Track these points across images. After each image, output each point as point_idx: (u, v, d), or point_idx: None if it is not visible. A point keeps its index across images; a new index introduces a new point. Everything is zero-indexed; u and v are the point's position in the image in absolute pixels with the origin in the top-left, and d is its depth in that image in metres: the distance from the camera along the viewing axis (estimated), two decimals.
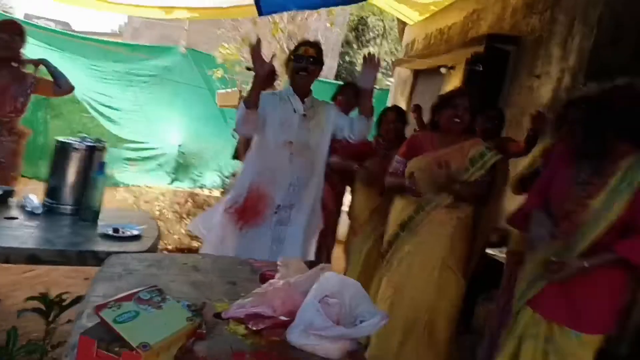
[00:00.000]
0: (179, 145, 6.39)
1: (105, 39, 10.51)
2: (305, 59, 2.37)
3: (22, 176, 4.87)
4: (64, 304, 1.63)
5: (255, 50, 2.20)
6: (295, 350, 1.21)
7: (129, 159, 5.74)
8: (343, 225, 3.55)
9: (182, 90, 6.55)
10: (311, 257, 2.58)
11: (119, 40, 10.44)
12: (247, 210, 2.37)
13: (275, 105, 2.39)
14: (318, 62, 2.42)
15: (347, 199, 3.45)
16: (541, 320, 1.88)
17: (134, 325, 1.04)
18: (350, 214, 3.27)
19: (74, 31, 12.33)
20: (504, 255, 2.84)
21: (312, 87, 2.60)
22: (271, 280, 1.41)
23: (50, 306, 1.60)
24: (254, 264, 1.82)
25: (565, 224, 1.84)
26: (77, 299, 1.60)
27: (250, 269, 1.73)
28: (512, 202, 2.90)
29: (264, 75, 2.24)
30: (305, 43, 2.47)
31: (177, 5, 5.91)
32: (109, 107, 5.86)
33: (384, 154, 3.02)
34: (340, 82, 9.02)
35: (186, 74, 6.83)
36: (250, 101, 2.25)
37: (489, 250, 3.26)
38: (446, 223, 2.42)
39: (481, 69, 3.91)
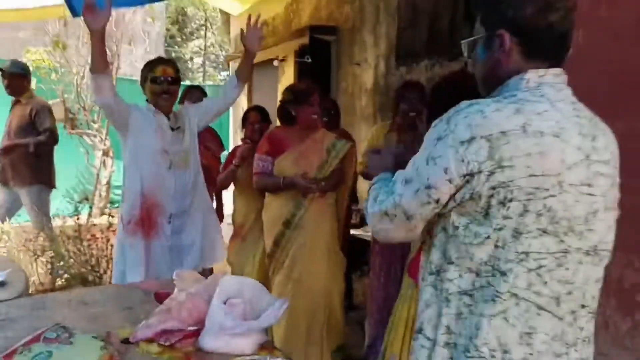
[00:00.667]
0: None
1: None
2: (166, 81, 2.35)
3: None
4: None
5: (86, 2, 1.96)
6: (211, 354, 1.34)
7: None
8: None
9: None
10: (218, 260, 2.62)
11: None
12: (145, 221, 2.31)
13: (145, 117, 2.34)
14: (178, 80, 2.43)
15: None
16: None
17: None
18: (234, 219, 3.21)
19: None
20: (368, 234, 3.16)
21: None
22: (172, 295, 1.50)
23: None
24: (140, 286, 1.86)
25: None
26: None
27: (141, 291, 1.78)
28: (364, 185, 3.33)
29: (101, 30, 2.04)
30: (160, 61, 2.44)
31: None
32: None
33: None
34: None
35: None
36: (95, 65, 2.09)
37: (353, 231, 3.67)
38: (324, 211, 2.70)
39: (309, 60, 4.26)
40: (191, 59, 15.27)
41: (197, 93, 3.28)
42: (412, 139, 2.62)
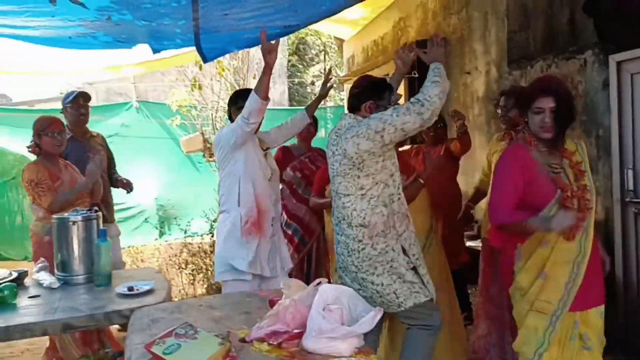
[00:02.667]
0: (155, 199, 6.52)
1: (51, 105, 10.48)
2: None
3: (10, 259, 4.93)
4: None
5: (262, 40, 2.37)
6: (312, 355, 1.49)
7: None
8: None
9: (144, 144, 6.71)
10: (290, 265, 2.87)
11: None
12: (258, 223, 2.62)
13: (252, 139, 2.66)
14: None
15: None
16: (577, 317, 1.93)
17: (180, 354, 1.33)
18: (327, 234, 3.38)
19: (14, 103, 12.19)
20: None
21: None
22: (279, 301, 1.69)
23: None
24: (259, 294, 2.10)
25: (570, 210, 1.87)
26: (117, 354, 1.82)
27: (259, 298, 2.01)
28: None
29: (273, 63, 2.40)
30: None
31: (123, 64, 6.13)
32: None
33: None
34: (295, 108, 9.35)
35: (144, 127, 7.00)
36: (262, 91, 2.40)
37: (470, 243, 3.62)
38: (440, 244, 2.83)
39: (417, 75, 4.31)
40: (312, 83, 16.04)
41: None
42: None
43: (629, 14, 3.20)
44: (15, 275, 2.29)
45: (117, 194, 6.52)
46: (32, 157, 2.95)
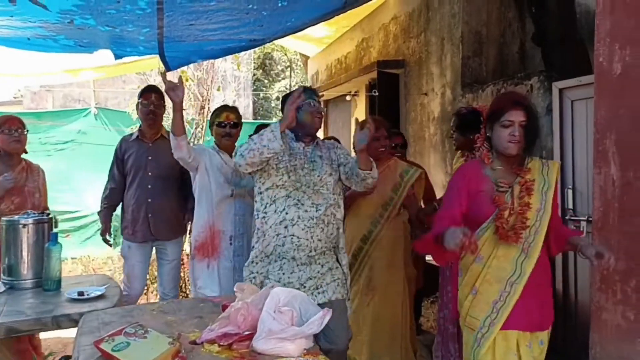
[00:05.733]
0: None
1: (4, 109, 10.09)
2: (228, 125, 2.77)
3: None
4: None
5: (165, 81, 2.49)
6: (261, 355, 1.53)
7: (63, 231, 5.68)
8: None
9: (102, 152, 6.51)
10: None
11: (20, 109, 10.11)
12: (207, 245, 2.66)
13: (211, 156, 2.71)
14: (238, 125, 2.83)
15: None
16: (514, 340, 1.85)
17: (129, 352, 1.35)
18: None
19: None
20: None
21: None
22: (232, 304, 1.72)
23: None
24: (213, 300, 2.12)
25: (504, 230, 1.85)
26: (64, 358, 1.79)
27: (212, 304, 2.03)
28: None
29: (180, 101, 2.49)
30: (224, 109, 2.83)
31: (82, 67, 6.02)
32: None
33: None
34: (258, 121, 9.37)
35: (102, 134, 6.85)
36: (177, 129, 2.49)
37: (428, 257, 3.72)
38: (398, 227, 2.98)
39: (377, 94, 4.46)
40: (277, 98, 16.16)
41: None
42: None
43: (571, 44, 3.45)
44: None
45: (72, 202, 6.35)
46: None
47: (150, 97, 3.09)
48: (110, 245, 3.22)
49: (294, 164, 2.23)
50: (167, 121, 3.83)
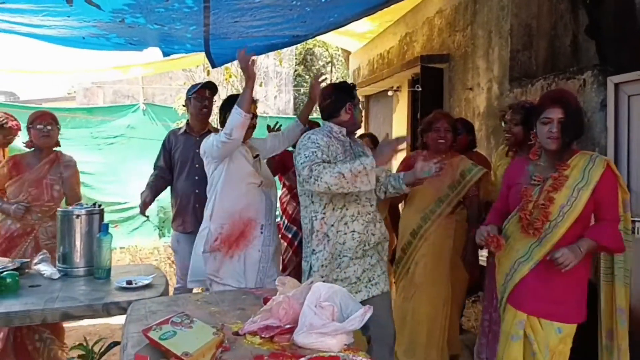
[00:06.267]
0: (157, 200, 6.55)
1: (58, 104, 10.59)
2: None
3: None
4: (101, 350, 1.91)
5: (242, 55, 2.47)
6: (302, 349, 1.54)
7: (112, 222, 5.90)
8: None
9: (149, 146, 6.76)
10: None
11: (73, 104, 10.59)
12: (233, 236, 2.59)
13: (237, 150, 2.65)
14: (255, 116, 2.73)
15: None
16: (523, 318, 1.98)
17: (175, 340, 1.38)
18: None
19: (22, 101, 12.33)
20: (484, 259, 3.12)
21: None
22: (273, 297, 1.74)
23: (90, 353, 1.87)
24: (255, 292, 2.15)
25: (527, 222, 1.99)
26: (112, 344, 1.88)
27: (254, 296, 2.06)
28: None
29: (254, 77, 2.46)
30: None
31: (131, 64, 6.24)
32: (81, 172, 6.05)
33: None
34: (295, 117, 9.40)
35: (150, 129, 7.09)
36: (244, 105, 2.41)
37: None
38: (449, 227, 2.93)
39: (420, 89, 4.39)
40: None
41: (314, 126, 3.62)
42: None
43: (629, 37, 3.28)
44: (17, 264, 2.35)
45: (121, 194, 6.59)
46: None
47: (205, 93, 3.18)
48: (147, 217, 3.31)
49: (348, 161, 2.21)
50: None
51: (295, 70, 13.39)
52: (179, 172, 3.16)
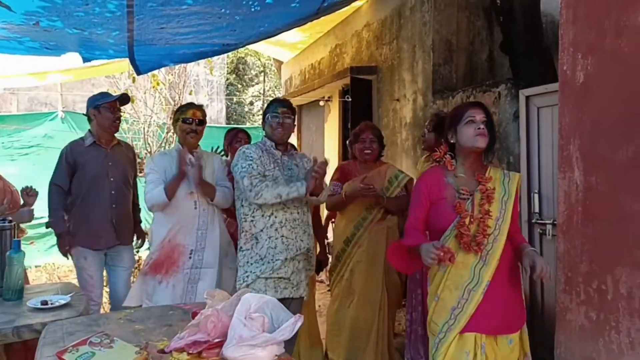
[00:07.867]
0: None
1: None
2: (194, 122, 2.74)
3: None
4: None
5: (182, 155, 2.58)
6: None
7: (27, 238, 5.50)
8: None
9: None
10: (228, 287, 2.85)
11: None
12: (163, 262, 2.63)
13: (171, 164, 2.68)
14: (204, 122, 2.81)
15: None
16: (484, 341, 1.87)
17: None
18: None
19: None
20: None
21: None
22: (202, 311, 1.69)
23: None
24: (183, 307, 2.08)
25: (467, 239, 1.87)
26: None
27: (182, 311, 1.99)
28: None
29: (185, 175, 2.60)
30: (191, 106, 2.81)
31: (49, 70, 5.87)
32: None
33: None
34: (230, 126, 9.32)
35: (70, 138, 6.59)
36: (170, 192, 2.60)
37: None
38: (380, 233, 3.02)
39: (350, 99, 4.48)
40: (251, 103, 16.08)
41: (243, 135, 3.57)
42: None
43: (537, 53, 3.55)
44: None
45: (36, 208, 6.13)
46: None
47: (117, 105, 3.11)
48: (70, 256, 3.10)
49: (277, 172, 2.46)
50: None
51: (227, 79, 13.23)
52: (90, 186, 3.00)
